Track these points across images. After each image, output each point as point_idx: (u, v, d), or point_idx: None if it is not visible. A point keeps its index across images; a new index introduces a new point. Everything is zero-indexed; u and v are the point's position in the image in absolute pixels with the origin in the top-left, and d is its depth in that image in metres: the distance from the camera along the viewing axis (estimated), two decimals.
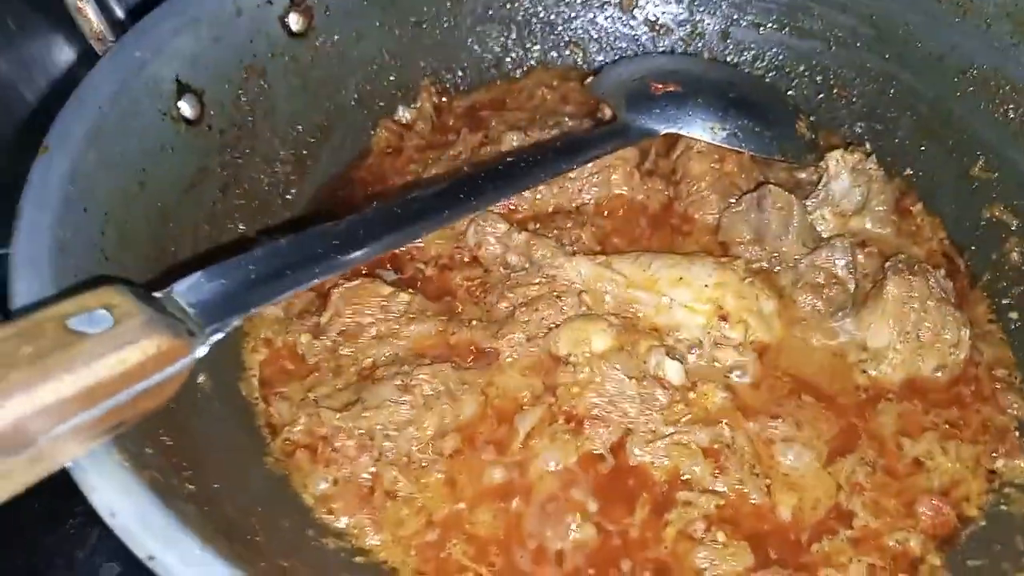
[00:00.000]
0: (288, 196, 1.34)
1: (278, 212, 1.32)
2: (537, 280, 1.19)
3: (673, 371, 1.09)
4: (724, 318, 1.13)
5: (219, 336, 0.80)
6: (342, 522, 0.98)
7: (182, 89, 1.14)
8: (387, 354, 1.11)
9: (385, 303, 1.15)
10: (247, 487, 0.95)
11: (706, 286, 1.14)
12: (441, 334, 1.15)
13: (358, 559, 0.95)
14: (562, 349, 1.12)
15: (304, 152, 1.37)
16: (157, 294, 0.79)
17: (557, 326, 1.14)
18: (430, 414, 1.02)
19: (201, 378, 1.02)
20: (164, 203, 1.09)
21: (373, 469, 1.00)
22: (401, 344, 1.13)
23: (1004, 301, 1.24)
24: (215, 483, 0.88)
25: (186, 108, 1.14)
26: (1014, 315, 1.22)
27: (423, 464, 1.02)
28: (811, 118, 1.52)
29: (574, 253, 1.21)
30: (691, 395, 1.09)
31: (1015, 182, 1.26)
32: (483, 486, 1.02)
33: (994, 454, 1.08)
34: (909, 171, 1.42)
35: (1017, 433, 1.11)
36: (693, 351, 1.13)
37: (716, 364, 1.13)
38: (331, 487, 0.99)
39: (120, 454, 0.71)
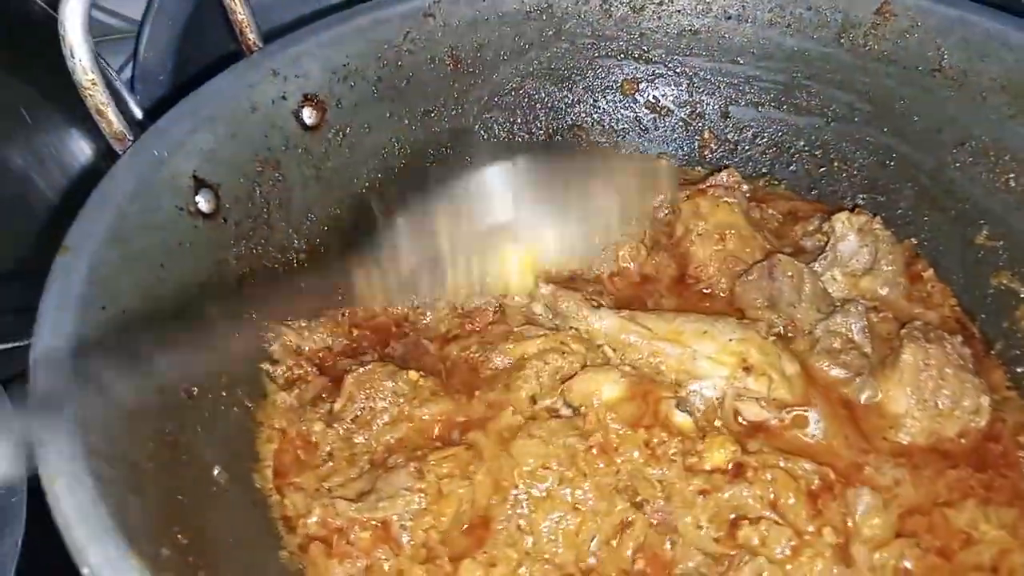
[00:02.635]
0: (302, 285, 1.36)
1: (294, 300, 1.33)
2: (541, 333, 1.21)
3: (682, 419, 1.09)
4: (748, 370, 1.13)
5: None
6: None
7: (199, 184, 1.17)
8: (399, 438, 1.11)
9: (396, 386, 1.15)
10: None
11: (730, 340, 1.15)
12: (452, 412, 1.15)
13: None
14: (574, 399, 1.12)
15: (317, 240, 1.40)
16: None
17: (569, 378, 1.15)
18: (445, 500, 1.01)
19: (216, 470, 1.02)
20: (182, 297, 1.11)
21: (392, 563, 0.99)
22: (414, 427, 1.13)
23: (1019, 369, 1.23)
24: None
25: (203, 203, 1.17)
26: None
27: (444, 555, 1.00)
28: (813, 191, 1.56)
29: (598, 306, 1.23)
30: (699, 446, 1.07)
31: (1021, 250, 1.27)
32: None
33: None
34: (914, 240, 1.43)
35: None
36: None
37: (740, 420, 1.13)
38: None
39: (137, 559, 0.71)
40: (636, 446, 1.05)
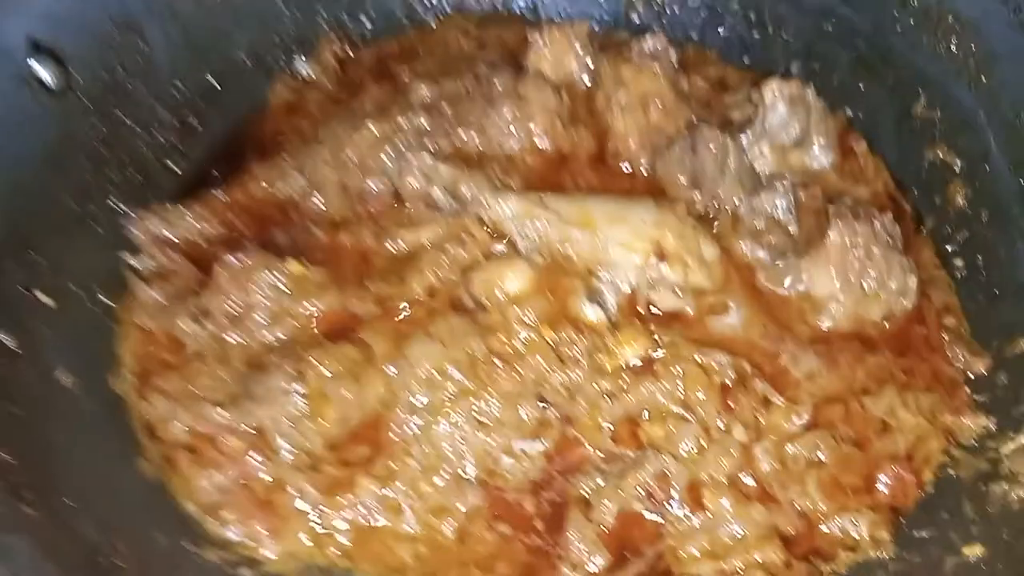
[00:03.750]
0: (173, 165, 1.21)
1: (161, 182, 1.19)
2: (435, 218, 1.10)
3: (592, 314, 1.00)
4: (662, 257, 1.03)
5: None
6: (233, 532, 0.87)
7: (39, 51, 1.00)
8: (280, 336, 1.00)
9: (274, 278, 1.02)
10: (115, 500, 0.84)
11: (644, 224, 1.05)
12: (341, 307, 1.04)
13: (243, 571, 0.84)
14: (476, 291, 1.02)
15: (190, 117, 1.24)
16: None
17: (471, 269, 1.04)
18: (329, 404, 0.91)
19: (63, 377, 0.90)
20: (16, 177, 0.96)
21: (270, 473, 0.89)
22: (297, 324, 1.02)
23: (949, 247, 1.16)
24: (72, 501, 0.77)
25: (45, 73, 1.02)
26: (959, 262, 1.14)
27: (331, 462, 0.91)
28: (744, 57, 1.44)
29: (503, 190, 1.12)
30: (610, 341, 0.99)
31: (959, 121, 1.18)
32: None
33: (944, 406, 1.00)
34: (849, 112, 1.33)
35: (968, 389, 1.03)
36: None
37: (653, 310, 1.04)
38: (219, 494, 0.88)
39: None
40: (541, 351, 0.96)
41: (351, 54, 1.40)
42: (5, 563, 0.58)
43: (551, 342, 0.98)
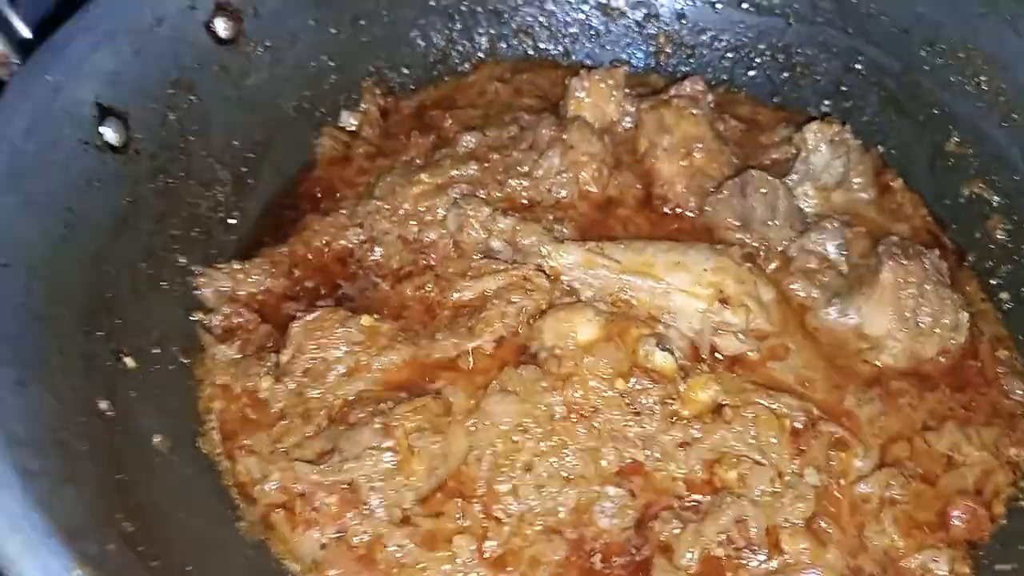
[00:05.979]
0: (231, 220, 1.22)
1: (221, 238, 1.20)
2: (500, 268, 1.12)
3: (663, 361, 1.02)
4: (725, 302, 1.06)
5: None
6: None
7: (104, 113, 1.02)
8: (359, 391, 1.02)
9: (349, 333, 1.05)
10: (224, 562, 0.85)
11: (705, 270, 1.07)
12: (414, 359, 1.06)
13: None
14: (546, 341, 1.04)
15: (243, 170, 1.26)
16: None
17: (536, 318, 1.06)
18: (417, 458, 0.93)
19: (156, 438, 0.91)
20: (95, 244, 0.98)
21: (366, 528, 0.91)
22: (373, 377, 1.03)
23: (993, 281, 1.20)
24: (187, 566, 0.77)
25: (110, 134, 1.03)
26: (1005, 295, 1.18)
27: (422, 516, 0.93)
28: (775, 98, 1.48)
29: (562, 240, 1.14)
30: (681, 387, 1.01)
31: (992, 156, 1.22)
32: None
33: (1007, 439, 1.04)
34: (881, 149, 1.37)
35: None
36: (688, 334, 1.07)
37: (717, 356, 1.07)
38: (320, 551, 0.90)
39: (82, 568, 0.60)
40: (616, 406, 0.98)
41: (393, 104, 1.42)
42: None
43: (623, 393, 1.00)
